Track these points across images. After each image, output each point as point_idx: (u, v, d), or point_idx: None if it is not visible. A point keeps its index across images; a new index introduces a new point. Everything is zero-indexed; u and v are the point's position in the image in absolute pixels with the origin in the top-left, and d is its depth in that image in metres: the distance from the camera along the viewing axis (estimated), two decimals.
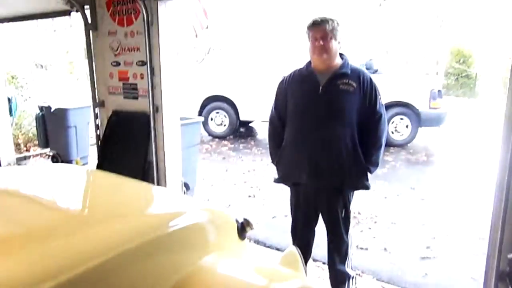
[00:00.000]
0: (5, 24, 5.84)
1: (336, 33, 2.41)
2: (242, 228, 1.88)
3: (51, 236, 1.47)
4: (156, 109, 3.82)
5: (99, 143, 4.36)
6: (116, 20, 3.94)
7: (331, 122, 2.43)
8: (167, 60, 3.70)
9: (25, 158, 6.63)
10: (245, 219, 1.90)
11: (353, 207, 2.64)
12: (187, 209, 1.84)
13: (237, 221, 1.91)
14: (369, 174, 2.55)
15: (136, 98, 3.98)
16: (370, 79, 2.49)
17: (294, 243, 2.79)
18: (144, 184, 2.27)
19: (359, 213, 4.31)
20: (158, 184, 3.97)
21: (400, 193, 5.07)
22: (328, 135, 2.43)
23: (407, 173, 6.09)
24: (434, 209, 4.55)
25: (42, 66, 31.87)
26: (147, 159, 4.00)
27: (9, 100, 6.42)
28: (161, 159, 3.90)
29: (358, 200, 4.46)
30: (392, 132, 7.62)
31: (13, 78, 11.22)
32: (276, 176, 2.71)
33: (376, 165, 2.55)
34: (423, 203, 4.78)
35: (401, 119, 7.67)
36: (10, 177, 2.31)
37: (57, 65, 25.63)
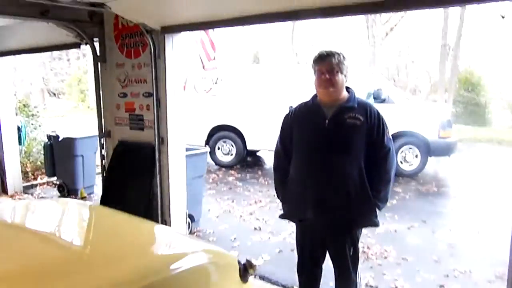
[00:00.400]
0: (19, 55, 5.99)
1: (342, 67, 2.39)
2: (245, 270, 1.80)
3: (49, 277, 1.44)
4: (162, 140, 3.81)
5: (104, 174, 4.35)
6: (124, 53, 4.00)
7: (338, 156, 2.37)
8: (173, 92, 3.71)
9: (32, 186, 6.62)
10: (247, 261, 1.82)
11: (362, 242, 2.54)
12: (189, 251, 1.78)
13: (239, 262, 1.83)
14: (377, 210, 2.47)
15: (142, 129, 3.99)
16: (378, 112, 2.45)
17: (300, 281, 2.70)
18: (147, 223, 2.21)
19: (368, 247, 4.17)
20: (162, 216, 3.92)
21: (410, 226, 4.92)
22: (334, 170, 2.37)
23: (418, 205, 5.94)
24: (447, 244, 4.39)
25: (55, 94, 32.48)
26: (152, 190, 3.96)
27: (18, 129, 6.49)
28: (166, 191, 3.86)
29: (367, 234, 4.36)
30: (401, 162, 7.51)
31: (25, 106, 11.41)
32: (282, 212, 2.63)
33: (385, 201, 2.47)
34: (435, 237, 4.62)
35: (410, 148, 7.57)
36: (12, 212, 2.28)
37: (69, 93, 26.16)
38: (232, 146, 8.46)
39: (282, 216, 2.63)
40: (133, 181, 4.08)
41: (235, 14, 3.13)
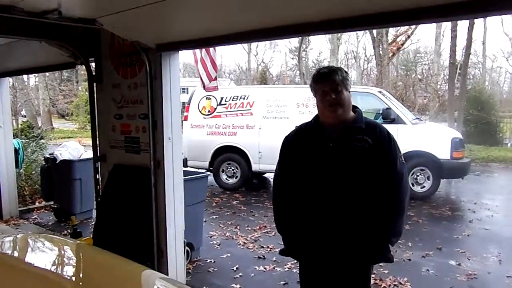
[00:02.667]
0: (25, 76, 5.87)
1: (346, 83, 2.14)
2: None
3: None
4: (158, 164, 3.58)
5: (98, 199, 4.13)
6: (120, 73, 3.82)
7: (344, 184, 2.10)
8: (169, 113, 3.50)
9: (28, 211, 6.40)
10: None
11: (374, 273, 2.25)
12: None
13: None
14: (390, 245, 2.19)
15: (138, 152, 3.77)
16: (388, 133, 2.18)
17: None
18: (131, 267, 1.96)
19: (380, 279, 3.86)
20: (158, 245, 3.66)
21: (425, 255, 4.59)
22: (340, 200, 2.10)
23: (432, 230, 5.60)
24: (466, 274, 4.06)
25: (63, 116, 32.75)
26: (148, 217, 3.71)
27: (16, 151, 6.32)
28: (162, 219, 3.61)
29: (378, 264, 4.04)
30: (413, 185, 7.20)
31: (29, 127, 11.33)
32: (283, 247, 2.36)
33: (398, 234, 2.18)
34: (453, 267, 4.29)
35: (422, 170, 7.27)
36: None
37: (76, 114, 26.30)
38: (237, 168, 8.22)
39: (282, 252, 2.35)
40: (129, 207, 3.84)
41: (236, 30, 2.94)
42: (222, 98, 8.38)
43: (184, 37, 3.22)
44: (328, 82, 2.12)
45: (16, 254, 2.17)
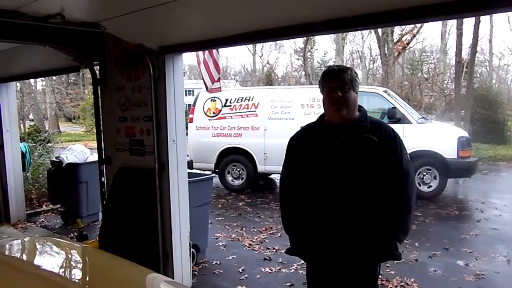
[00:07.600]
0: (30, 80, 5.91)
1: (354, 83, 2.15)
2: None
3: None
4: (162, 166, 3.59)
5: (104, 202, 4.15)
6: (125, 75, 3.83)
7: (350, 182, 2.10)
8: (173, 115, 3.51)
9: (36, 214, 6.44)
10: None
11: (380, 273, 2.24)
12: None
13: None
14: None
15: (143, 155, 3.78)
16: (393, 131, 2.18)
17: None
18: (136, 270, 1.96)
19: (387, 280, 3.83)
20: (163, 248, 3.67)
21: (432, 255, 4.56)
22: (347, 199, 2.10)
23: (439, 230, 5.55)
24: (474, 275, 4.02)
25: (69, 119, 32.94)
26: (153, 219, 3.72)
27: (23, 155, 6.37)
28: (167, 221, 3.61)
29: (386, 264, 4.02)
30: (419, 184, 7.15)
31: (36, 131, 11.41)
32: (289, 246, 2.35)
33: (405, 232, 2.17)
34: (460, 267, 4.25)
35: (428, 170, 7.22)
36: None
37: (83, 118, 26.47)
38: (243, 169, 8.22)
39: (289, 251, 2.35)
40: (134, 209, 3.85)
41: (240, 31, 2.94)
42: (227, 100, 8.39)
43: (187, 39, 3.23)
44: (336, 79, 2.13)
45: (23, 257, 2.19)
